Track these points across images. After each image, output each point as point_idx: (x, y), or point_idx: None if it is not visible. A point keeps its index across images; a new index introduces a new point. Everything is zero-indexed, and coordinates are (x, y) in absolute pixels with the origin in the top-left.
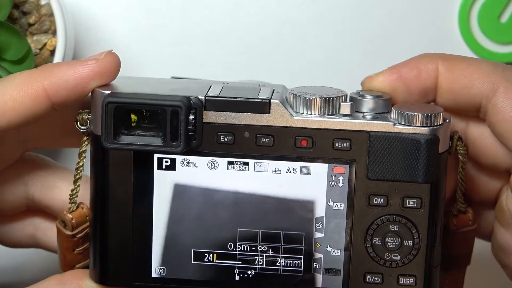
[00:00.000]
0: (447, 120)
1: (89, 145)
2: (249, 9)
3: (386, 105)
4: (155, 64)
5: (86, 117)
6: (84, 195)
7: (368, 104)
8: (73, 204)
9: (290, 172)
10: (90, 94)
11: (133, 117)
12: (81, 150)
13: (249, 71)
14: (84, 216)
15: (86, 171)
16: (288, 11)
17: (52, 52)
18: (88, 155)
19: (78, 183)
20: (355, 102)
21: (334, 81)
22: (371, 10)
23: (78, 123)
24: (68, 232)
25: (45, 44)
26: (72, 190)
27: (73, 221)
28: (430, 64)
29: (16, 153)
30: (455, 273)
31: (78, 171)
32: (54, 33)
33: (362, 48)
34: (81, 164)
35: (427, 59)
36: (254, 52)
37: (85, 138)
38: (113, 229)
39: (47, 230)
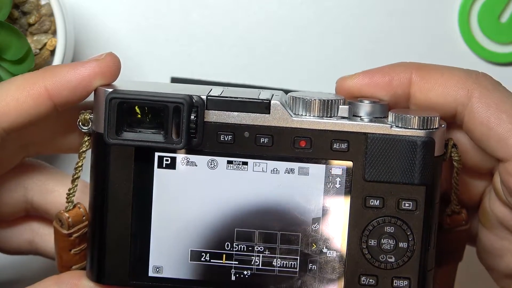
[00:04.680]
0: (442, 125)
1: (90, 146)
2: (249, 9)
3: (383, 110)
4: (155, 64)
5: (88, 117)
6: (81, 198)
7: (365, 108)
8: (70, 203)
9: (289, 173)
10: (93, 94)
11: (137, 110)
12: (81, 150)
13: (249, 71)
14: (81, 216)
15: (85, 172)
16: (288, 11)
17: (52, 52)
18: (88, 156)
19: (75, 183)
20: (353, 106)
21: (334, 81)
22: (371, 10)
23: (80, 123)
24: (65, 231)
25: (45, 44)
26: (69, 190)
27: (70, 219)
28: (403, 73)
29: (17, 158)
30: (447, 268)
31: (77, 171)
32: (54, 33)
33: (362, 48)
34: (80, 164)
35: (400, 68)
36: (254, 52)
37: (86, 138)
38: (111, 228)
39: (45, 236)
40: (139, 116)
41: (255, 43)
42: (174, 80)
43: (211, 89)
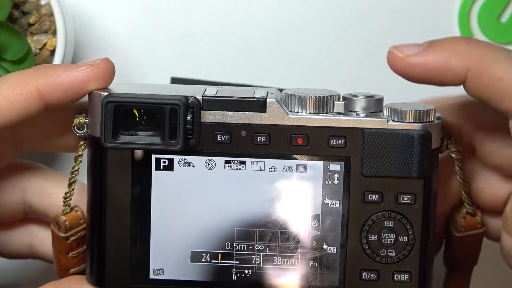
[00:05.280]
0: (438, 118)
1: (86, 149)
2: (249, 9)
3: (378, 104)
4: (155, 64)
5: (83, 121)
6: (79, 199)
7: (361, 103)
8: (67, 207)
9: (286, 170)
10: (87, 97)
11: (135, 112)
12: (77, 154)
13: (249, 71)
14: (78, 219)
15: (82, 176)
16: (288, 11)
17: (52, 52)
18: (84, 160)
19: (72, 187)
20: (348, 102)
21: (333, 81)
22: (371, 10)
23: (75, 127)
24: (62, 234)
25: (45, 44)
26: (66, 193)
27: (66, 222)
28: (461, 64)
29: (11, 155)
30: (461, 273)
31: (73, 175)
32: (54, 33)
33: (362, 48)
34: (76, 168)
35: (459, 59)
36: (254, 52)
37: (81, 143)
38: (110, 231)
39: (44, 239)
40: (136, 119)
41: (255, 43)
42: (174, 80)
43: (206, 89)
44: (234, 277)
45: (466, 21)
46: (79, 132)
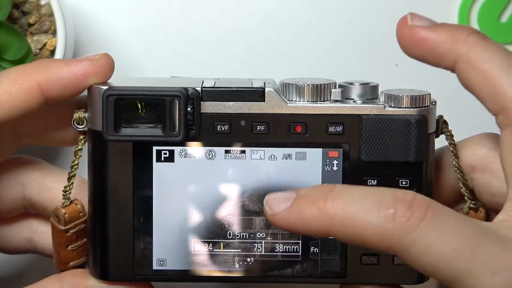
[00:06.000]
0: (433, 103)
1: (85, 143)
2: (249, 9)
3: (374, 91)
4: (155, 64)
5: (82, 115)
6: (78, 194)
7: (357, 90)
8: (66, 200)
9: (286, 159)
10: (87, 91)
11: (138, 104)
12: (77, 148)
13: (249, 71)
14: (77, 212)
15: (81, 170)
16: (288, 11)
17: (52, 52)
18: (84, 154)
19: (72, 180)
20: (345, 89)
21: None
22: (371, 10)
23: (75, 121)
24: (61, 227)
25: (45, 44)
26: (65, 187)
27: (66, 215)
28: (451, 56)
29: (11, 148)
30: None
31: (73, 169)
32: (54, 33)
33: (362, 48)
34: (76, 162)
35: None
36: (254, 52)
37: (81, 137)
38: (113, 224)
39: (44, 234)
40: (139, 111)
41: (255, 43)
42: None
43: (203, 81)
44: (237, 266)
45: (466, 21)
46: (79, 126)
